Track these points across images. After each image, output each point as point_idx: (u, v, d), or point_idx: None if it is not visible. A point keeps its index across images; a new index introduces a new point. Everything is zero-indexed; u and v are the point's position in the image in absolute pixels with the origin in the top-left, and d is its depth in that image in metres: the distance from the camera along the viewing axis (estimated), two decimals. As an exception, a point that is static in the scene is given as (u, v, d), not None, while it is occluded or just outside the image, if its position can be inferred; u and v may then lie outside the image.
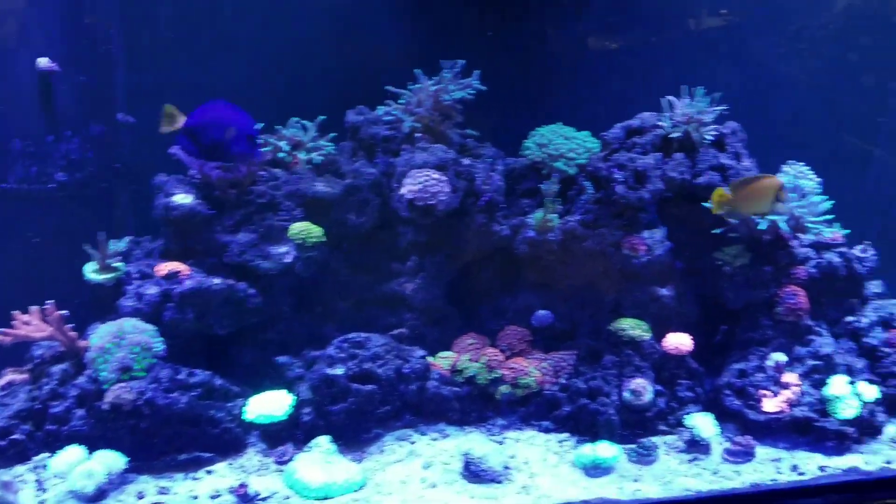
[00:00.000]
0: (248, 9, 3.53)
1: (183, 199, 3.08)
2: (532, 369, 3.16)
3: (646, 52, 4.09)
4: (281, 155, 3.31)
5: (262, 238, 3.16)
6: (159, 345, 2.90)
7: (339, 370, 2.96)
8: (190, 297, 3.00)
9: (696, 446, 3.01)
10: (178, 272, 3.03)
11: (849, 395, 3.04)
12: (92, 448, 2.73)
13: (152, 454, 2.81)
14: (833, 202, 3.25)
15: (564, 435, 3.10)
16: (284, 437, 2.95)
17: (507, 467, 2.85)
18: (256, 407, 2.93)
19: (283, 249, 3.15)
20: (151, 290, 3.01)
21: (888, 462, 2.93)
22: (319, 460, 2.78)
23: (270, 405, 2.93)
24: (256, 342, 3.22)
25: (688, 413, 3.13)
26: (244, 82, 3.52)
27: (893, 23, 4.12)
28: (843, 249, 3.36)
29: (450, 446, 3.00)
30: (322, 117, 3.38)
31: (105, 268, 3.04)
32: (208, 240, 3.14)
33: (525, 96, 3.90)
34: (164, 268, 3.04)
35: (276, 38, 3.54)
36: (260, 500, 2.65)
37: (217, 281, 3.05)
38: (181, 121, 2.62)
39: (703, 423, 3.02)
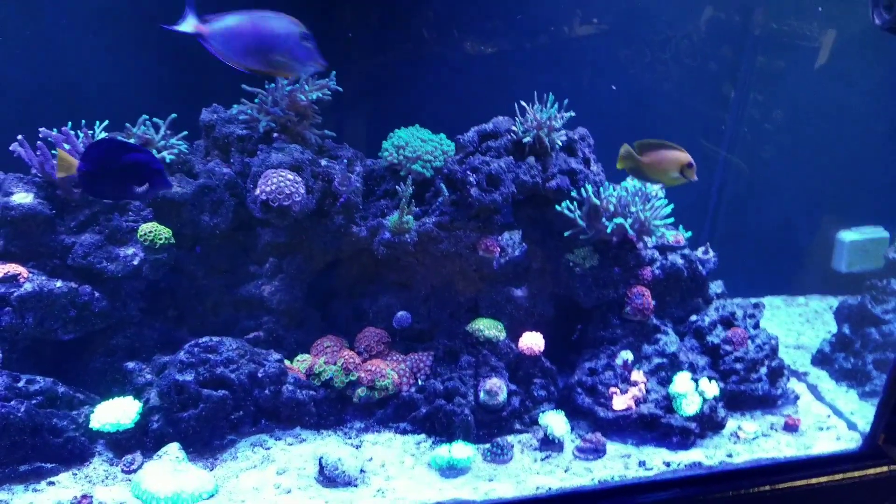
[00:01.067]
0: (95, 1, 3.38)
1: (23, 198, 2.93)
2: (389, 371, 3.17)
3: (514, 57, 4.14)
4: (130, 154, 3.19)
5: (109, 239, 3.04)
6: (-5, 352, 2.76)
7: (188, 376, 2.88)
8: (29, 301, 2.85)
9: (550, 444, 3.08)
10: (17, 275, 2.88)
11: (692, 391, 3.17)
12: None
13: (-11, 465, 2.66)
14: (674, 205, 3.39)
15: (421, 436, 3.11)
16: (133, 446, 2.85)
17: (362, 471, 2.85)
18: (102, 415, 2.82)
19: (130, 251, 3.04)
20: (-14, 293, 2.86)
21: (729, 455, 3.09)
22: (169, 469, 2.70)
23: (117, 413, 2.83)
24: (104, 348, 3.09)
25: (542, 412, 3.20)
26: (93, 77, 3.38)
27: (755, 35, 4.32)
28: (686, 251, 3.51)
29: (306, 451, 2.97)
30: (174, 115, 3.27)
31: (-65, 271, 2.86)
32: (50, 241, 2.99)
33: (384, 98, 3.91)
34: (2, 270, 2.87)
35: (126, 32, 3.40)
36: (104, 511, 2.56)
37: (59, 284, 2.91)
38: (73, 168, 2.50)
39: (555, 422, 3.09)
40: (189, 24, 2.39)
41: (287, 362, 3.17)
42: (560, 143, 3.35)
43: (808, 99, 4.32)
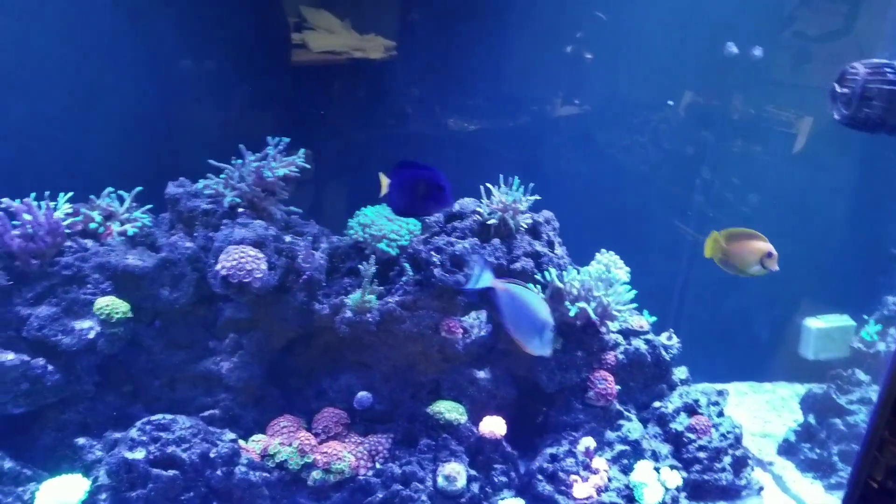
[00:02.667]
0: (66, 67, 3.40)
1: (-22, 268, 2.90)
2: (346, 454, 3.11)
3: (496, 135, 4.20)
4: (93, 226, 3.18)
5: (65, 312, 2.99)
6: (-62, 426, 2.68)
7: (139, 454, 2.81)
8: (-22, 374, 2.80)
9: (509, 532, 3.02)
10: (-33, 346, 2.83)
11: (653, 481, 3.13)
12: None
13: (-77, 546, 2.58)
14: (644, 289, 3.40)
15: (377, 522, 3.04)
16: (77, 526, 2.77)
17: (314, 556, 2.77)
18: (49, 492, 2.73)
19: (86, 325, 2.99)
20: (-66, 365, 2.80)
21: (690, 547, 3.03)
22: (112, 551, 2.62)
23: (64, 491, 2.74)
24: (55, 422, 3.01)
25: (501, 498, 3.14)
26: (59, 147, 3.39)
27: (732, 121, 4.40)
28: (649, 337, 3.50)
29: (257, 534, 2.89)
30: (139, 188, 3.28)
31: None
32: (6, 312, 2.94)
33: (359, 174, 3.93)
34: (-49, 342, 2.83)
35: (95, 104, 3.43)
36: None
37: (10, 356, 2.85)
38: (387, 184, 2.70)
39: (515, 509, 3.04)
40: (485, 282, 2.64)
41: (242, 442, 3.10)
42: (525, 226, 3.36)
43: (781, 184, 4.37)
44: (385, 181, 2.70)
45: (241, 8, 3.70)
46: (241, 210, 3.30)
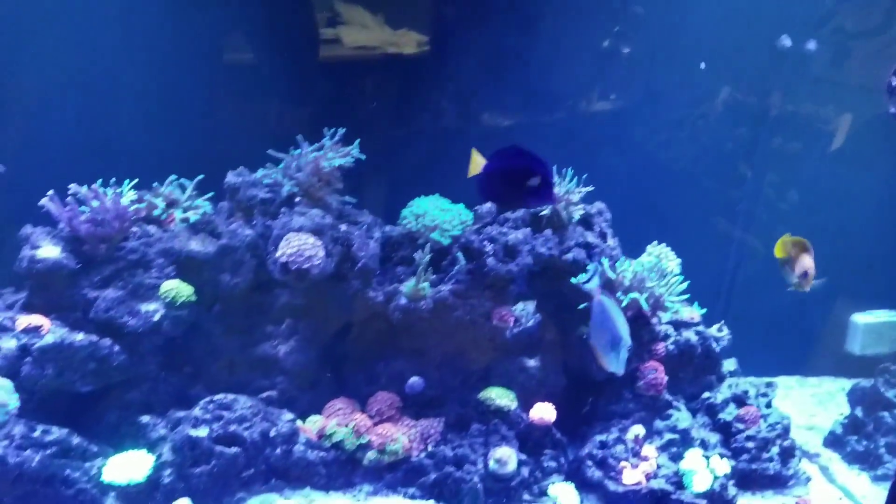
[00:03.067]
0: (131, 63, 3.51)
1: (49, 252, 3.01)
2: (400, 436, 3.18)
3: (532, 131, 4.23)
4: (156, 212, 3.28)
5: (131, 295, 3.10)
6: (14, 401, 2.79)
7: (202, 431, 2.91)
8: (50, 353, 2.90)
9: (558, 515, 3.07)
10: (39, 326, 2.94)
11: (702, 468, 3.16)
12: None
13: (-1, 515, 2.68)
14: (690, 282, 3.43)
15: (430, 502, 3.10)
16: (143, 500, 2.85)
17: (369, 534, 2.85)
18: (115, 468, 2.83)
19: (151, 307, 3.09)
20: (9, 343, 2.90)
21: (738, 534, 3.06)
22: (178, 525, 2.72)
23: (130, 466, 2.84)
24: (120, 401, 3.12)
25: (551, 483, 3.19)
26: (124, 137, 3.50)
27: (772, 117, 4.40)
28: (700, 328, 3.53)
29: (314, 512, 2.98)
30: (201, 176, 3.37)
31: (-39, 319, 2.92)
32: (74, 294, 3.06)
33: (405, 166, 4.00)
34: (24, 321, 2.94)
35: (158, 95, 3.54)
36: (110, 566, 2.56)
37: (80, 337, 2.96)
38: (481, 167, 2.53)
39: (564, 493, 3.09)
40: (594, 284, 2.63)
41: (299, 423, 3.19)
42: (577, 217, 3.41)
43: (823, 181, 4.37)
44: (478, 160, 2.56)
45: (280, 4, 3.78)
46: (297, 199, 3.39)
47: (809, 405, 4.27)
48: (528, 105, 4.22)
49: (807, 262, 2.98)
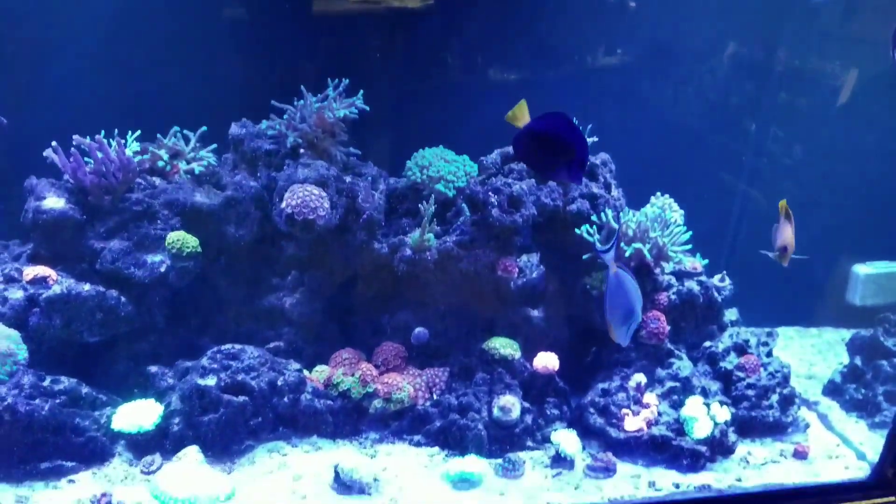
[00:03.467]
0: (133, 14, 3.48)
1: (54, 203, 3.01)
2: (405, 385, 3.22)
3: (537, 86, 4.21)
4: (160, 164, 3.28)
5: (137, 246, 3.11)
6: (22, 351, 2.82)
7: (210, 381, 2.94)
8: (57, 303, 2.93)
9: (561, 462, 3.11)
10: (46, 277, 2.96)
11: (703, 415, 3.20)
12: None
13: (12, 462, 2.72)
14: (693, 234, 3.45)
15: (435, 449, 3.15)
16: (152, 448, 2.91)
17: (376, 479, 2.89)
18: (124, 416, 2.88)
19: (157, 259, 3.11)
20: (17, 293, 2.92)
21: (738, 480, 3.10)
22: (187, 471, 2.76)
23: (139, 415, 2.89)
24: (128, 352, 3.16)
25: (554, 430, 3.24)
26: (126, 88, 3.48)
27: (778, 72, 4.38)
28: (702, 278, 3.56)
29: (322, 458, 3.02)
30: (204, 128, 3.37)
31: (-32, 270, 2.94)
32: (80, 245, 3.07)
33: (409, 118, 3.98)
34: (31, 272, 2.95)
35: (161, 46, 3.51)
36: (123, 511, 2.61)
37: (87, 287, 2.99)
38: (524, 120, 2.42)
39: (567, 440, 3.13)
40: (611, 255, 2.59)
41: (306, 372, 3.23)
42: (580, 167, 3.41)
43: (828, 136, 4.37)
44: (524, 114, 2.43)
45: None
46: (302, 151, 3.39)
47: (809, 355, 4.32)
48: (535, 59, 4.19)
49: (787, 235, 2.98)
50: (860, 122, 4.31)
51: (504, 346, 3.30)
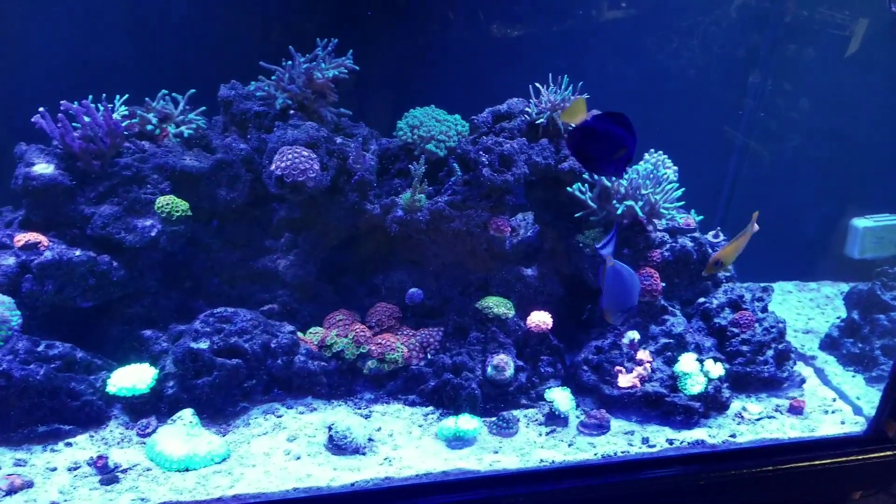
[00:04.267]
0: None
1: (44, 168, 3.01)
2: (399, 345, 3.23)
3: (540, 41, 4.16)
4: (149, 128, 3.27)
5: (127, 211, 3.11)
6: (16, 317, 2.84)
7: (203, 344, 2.96)
8: (49, 269, 2.94)
9: (555, 419, 3.13)
10: (38, 243, 2.97)
11: (696, 371, 3.21)
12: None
13: (9, 426, 2.75)
14: (692, 190, 3.42)
15: (429, 408, 3.17)
16: (148, 411, 2.94)
17: (371, 439, 2.92)
18: (119, 380, 2.89)
19: (148, 223, 3.11)
20: (8, 260, 2.93)
21: (732, 436, 3.11)
22: (182, 433, 2.78)
23: (133, 378, 2.90)
24: (122, 316, 3.18)
25: (548, 388, 3.25)
26: (113, 51, 3.45)
27: (785, 23, 4.32)
28: (696, 234, 3.53)
29: (316, 419, 3.04)
30: (192, 91, 3.35)
31: (-40, 238, 2.95)
32: (70, 211, 3.08)
33: (403, 78, 3.95)
34: (23, 238, 2.96)
35: (148, 7, 3.48)
36: (120, 471, 2.64)
37: (78, 253, 2.99)
38: (581, 118, 2.47)
39: (560, 398, 3.14)
40: (608, 251, 2.62)
41: (300, 334, 3.24)
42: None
43: (834, 88, 4.31)
44: (581, 111, 2.48)
45: None
46: (292, 112, 3.36)
47: (807, 309, 4.31)
48: (538, 14, 4.14)
49: (729, 250, 3.00)
50: (867, 73, 4.25)
51: (498, 305, 3.31)
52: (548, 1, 4.15)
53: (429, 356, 3.28)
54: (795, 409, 3.29)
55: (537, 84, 3.36)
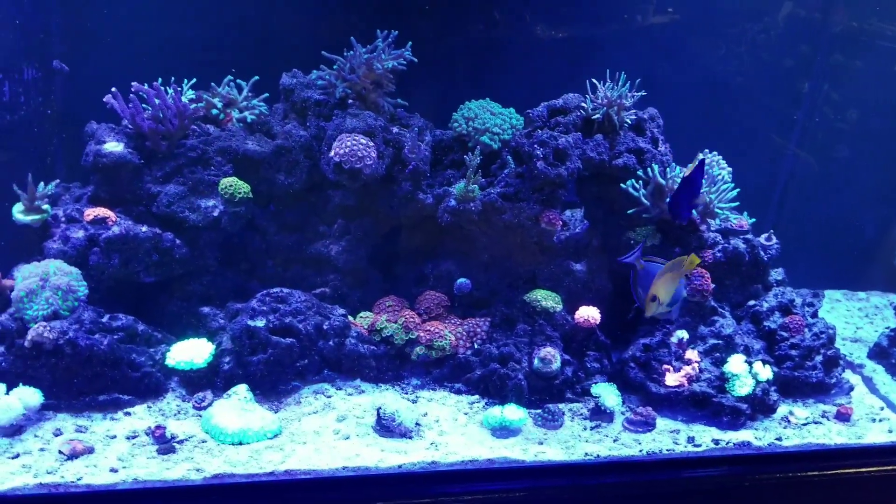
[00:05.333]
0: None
1: (114, 147, 3.11)
2: (447, 333, 3.28)
3: (585, 43, 4.19)
4: (214, 112, 3.36)
5: (191, 191, 3.21)
6: (83, 288, 2.93)
7: (259, 322, 3.03)
8: (116, 243, 3.04)
9: (600, 414, 3.14)
10: (106, 218, 3.07)
11: (745, 373, 3.20)
12: (11, 385, 2.75)
13: (72, 393, 2.85)
14: (739, 190, 3.43)
15: (475, 397, 3.21)
16: (204, 385, 3.02)
17: (417, 424, 2.96)
18: (178, 353, 2.98)
19: (211, 203, 3.20)
20: (78, 233, 3.04)
21: (778, 439, 3.10)
22: (237, 407, 2.86)
23: (191, 352, 2.99)
24: (182, 292, 3.27)
25: (594, 383, 3.27)
26: (182, 34, 3.55)
27: (833, 33, 4.30)
28: (748, 236, 3.53)
29: (364, 401, 3.10)
30: (256, 77, 3.44)
31: (32, 209, 3.05)
32: (137, 189, 3.18)
33: (456, 71, 4.00)
34: (92, 213, 3.07)
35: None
36: (176, 442, 2.71)
37: (144, 229, 3.09)
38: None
39: (607, 393, 3.16)
40: (634, 256, 3.06)
41: (351, 318, 3.31)
42: (629, 122, 3.41)
43: (884, 100, 4.28)
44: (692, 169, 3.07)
45: None
46: (350, 101, 3.43)
47: (856, 318, 4.27)
48: (583, 16, 4.16)
49: (661, 285, 3.00)
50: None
51: (546, 298, 3.34)
52: (593, 3, 4.17)
53: (476, 345, 3.32)
54: (843, 416, 3.27)
55: (594, 80, 3.38)
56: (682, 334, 3.32)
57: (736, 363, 3.23)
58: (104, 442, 2.71)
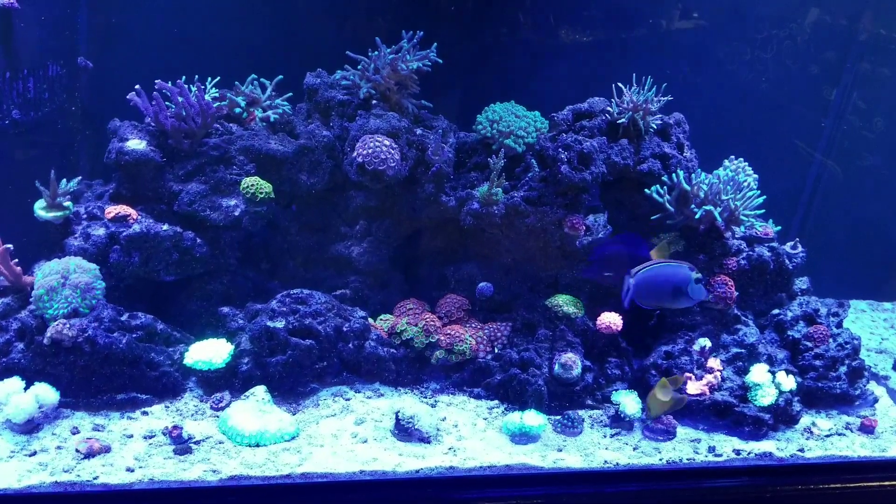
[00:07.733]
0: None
1: (136, 144, 3.11)
2: (468, 337, 3.26)
3: (610, 47, 4.17)
4: (237, 111, 3.35)
5: (213, 190, 3.20)
6: (101, 285, 2.93)
7: (279, 323, 3.02)
8: (136, 241, 3.04)
9: (620, 422, 3.11)
10: (127, 216, 3.07)
11: (768, 383, 3.16)
12: (29, 382, 2.75)
13: (90, 391, 2.85)
14: (765, 197, 3.38)
15: (494, 402, 3.19)
16: (222, 385, 3.01)
17: (437, 429, 2.94)
18: (196, 353, 2.98)
19: (232, 202, 3.20)
20: (99, 231, 3.04)
21: (801, 450, 3.06)
22: (254, 409, 2.85)
23: (210, 353, 2.99)
24: (201, 292, 3.27)
25: (615, 390, 3.24)
26: (207, 33, 3.55)
27: (860, 41, 4.25)
28: (773, 244, 3.49)
29: (383, 405, 3.08)
30: (280, 77, 3.43)
31: (54, 206, 3.05)
32: (159, 187, 3.18)
33: (481, 74, 3.98)
34: (113, 210, 3.07)
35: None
36: (193, 443, 2.71)
37: (165, 227, 3.09)
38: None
39: (627, 401, 3.13)
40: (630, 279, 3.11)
41: (371, 320, 3.29)
42: (654, 127, 3.37)
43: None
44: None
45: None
46: (374, 102, 3.42)
47: (881, 329, 4.21)
48: (609, 20, 4.14)
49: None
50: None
51: (567, 304, 3.31)
52: (618, 8, 4.14)
53: (496, 350, 3.30)
54: (867, 428, 3.22)
55: (620, 84, 3.35)
56: (705, 342, 3.28)
57: (759, 372, 3.19)
58: (121, 441, 2.70)
